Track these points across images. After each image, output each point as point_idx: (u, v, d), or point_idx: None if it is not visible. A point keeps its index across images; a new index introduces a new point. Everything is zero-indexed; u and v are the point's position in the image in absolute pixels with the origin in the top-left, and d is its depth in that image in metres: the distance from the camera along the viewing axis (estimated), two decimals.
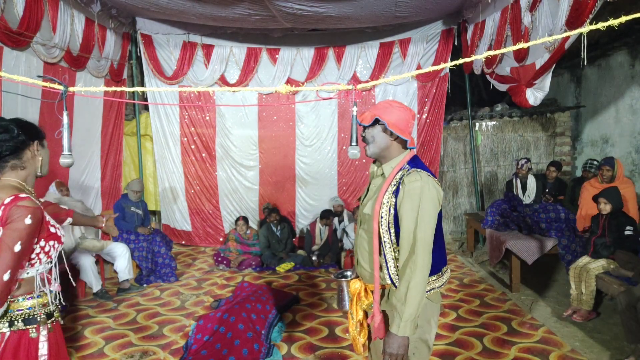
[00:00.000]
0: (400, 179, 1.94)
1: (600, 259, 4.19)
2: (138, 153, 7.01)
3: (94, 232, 5.30)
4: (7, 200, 1.71)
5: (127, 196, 5.77)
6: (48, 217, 1.85)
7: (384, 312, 1.99)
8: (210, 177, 7.29)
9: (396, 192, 1.93)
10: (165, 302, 4.92)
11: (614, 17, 1.76)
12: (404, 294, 1.85)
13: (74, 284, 1.96)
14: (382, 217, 1.94)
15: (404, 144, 2.01)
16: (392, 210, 1.93)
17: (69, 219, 2.28)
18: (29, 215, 1.70)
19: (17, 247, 1.67)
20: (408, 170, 1.95)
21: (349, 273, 2.25)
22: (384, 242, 1.95)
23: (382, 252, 1.96)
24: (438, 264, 2.03)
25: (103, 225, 2.60)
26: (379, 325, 1.96)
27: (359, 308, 2.11)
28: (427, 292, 1.98)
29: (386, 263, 1.96)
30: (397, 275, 1.95)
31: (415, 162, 2.01)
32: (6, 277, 1.65)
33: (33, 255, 1.79)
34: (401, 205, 1.91)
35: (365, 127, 2.03)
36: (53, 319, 1.88)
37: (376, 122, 1.99)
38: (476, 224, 6.12)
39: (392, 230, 1.94)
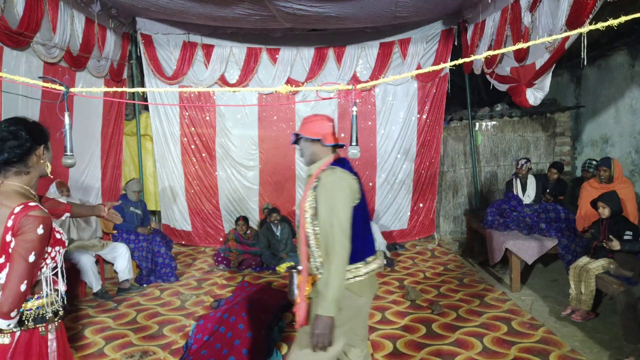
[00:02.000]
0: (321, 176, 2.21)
1: (600, 258, 4.19)
2: (138, 153, 7.00)
3: (90, 234, 5.29)
4: (17, 210, 1.72)
5: (126, 196, 5.77)
6: (54, 224, 1.87)
7: (310, 300, 2.19)
8: (210, 177, 7.29)
9: (316, 188, 2.17)
10: (165, 302, 4.92)
11: (614, 17, 1.77)
12: (326, 277, 2.07)
13: (66, 289, 1.97)
14: (306, 211, 2.18)
15: (329, 147, 2.27)
16: (314, 204, 2.16)
17: (67, 214, 2.28)
18: (41, 226, 1.72)
19: (32, 258, 1.71)
20: (328, 168, 2.22)
21: (300, 267, 2.34)
22: (309, 234, 2.18)
23: (309, 244, 2.19)
24: (361, 252, 2.22)
25: (105, 214, 2.49)
26: (303, 313, 2.17)
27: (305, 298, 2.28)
28: (350, 279, 2.16)
29: (312, 253, 2.19)
30: (322, 264, 2.18)
31: (339, 162, 2.24)
32: (23, 287, 1.70)
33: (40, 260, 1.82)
34: (318, 197, 2.14)
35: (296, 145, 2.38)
36: (59, 317, 1.92)
37: (298, 137, 2.32)
38: (476, 224, 6.13)
39: (316, 222, 2.16)
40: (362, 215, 2.23)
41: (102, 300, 4.90)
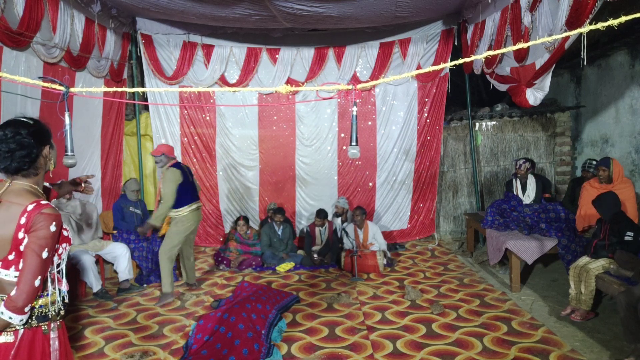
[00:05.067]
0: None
1: (600, 258, 4.19)
2: (138, 153, 7.00)
3: (90, 236, 5.28)
4: (30, 208, 1.76)
5: (125, 196, 5.77)
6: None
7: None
8: (210, 177, 7.29)
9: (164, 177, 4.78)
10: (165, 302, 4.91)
11: (614, 17, 1.77)
12: (158, 210, 4.77)
13: (67, 288, 2.00)
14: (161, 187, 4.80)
15: (171, 158, 4.87)
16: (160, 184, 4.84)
17: (54, 200, 2.33)
18: (54, 223, 1.77)
19: (45, 254, 1.76)
20: (168, 167, 4.82)
21: None
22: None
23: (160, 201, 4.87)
24: (182, 203, 4.80)
25: (81, 188, 2.55)
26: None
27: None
28: (179, 214, 4.83)
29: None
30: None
31: (175, 165, 4.85)
32: (37, 283, 1.74)
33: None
34: (163, 182, 4.74)
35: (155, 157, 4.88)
36: (61, 315, 1.94)
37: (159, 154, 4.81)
38: (476, 224, 6.12)
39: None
40: (183, 187, 4.75)
41: (102, 300, 4.90)
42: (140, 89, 6.97)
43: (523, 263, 5.10)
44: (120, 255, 5.22)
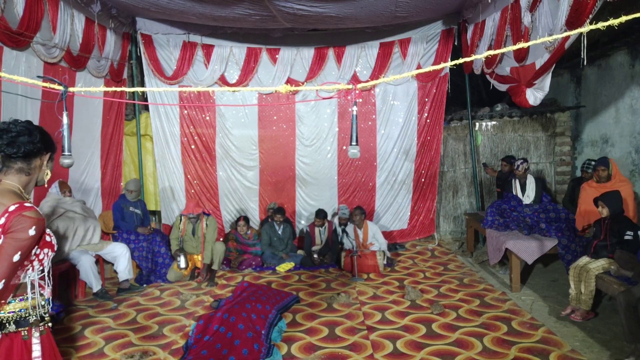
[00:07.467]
0: None
1: (600, 258, 4.19)
2: (138, 153, 6.99)
3: (91, 234, 5.28)
4: (12, 208, 1.70)
5: (125, 196, 5.77)
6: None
7: None
8: (210, 177, 7.29)
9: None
10: (165, 302, 4.92)
11: (614, 17, 1.77)
12: None
13: (50, 295, 1.96)
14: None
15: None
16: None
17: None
18: (33, 227, 1.71)
19: (16, 258, 1.68)
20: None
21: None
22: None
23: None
24: None
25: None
26: None
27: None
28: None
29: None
30: None
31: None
32: (0, 285, 1.66)
33: (26, 262, 1.78)
34: (208, 229, 5.78)
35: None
36: (45, 322, 1.87)
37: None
38: (476, 224, 6.13)
39: None
40: None
41: (102, 300, 4.90)
42: (140, 89, 6.96)
43: (523, 263, 5.10)
44: (120, 255, 5.22)
